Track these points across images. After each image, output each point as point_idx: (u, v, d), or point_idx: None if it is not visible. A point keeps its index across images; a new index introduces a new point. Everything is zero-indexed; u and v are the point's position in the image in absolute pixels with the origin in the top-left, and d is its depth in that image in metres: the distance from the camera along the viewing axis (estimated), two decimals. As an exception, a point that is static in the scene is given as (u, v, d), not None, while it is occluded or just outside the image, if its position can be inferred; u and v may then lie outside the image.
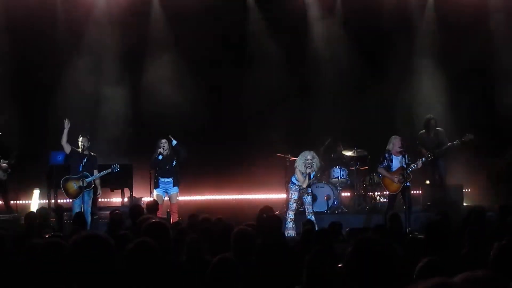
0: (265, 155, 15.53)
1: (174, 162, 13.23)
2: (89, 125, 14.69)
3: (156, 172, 13.31)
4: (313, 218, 12.28)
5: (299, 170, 12.50)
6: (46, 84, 16.02)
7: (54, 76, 16.01)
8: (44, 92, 16.01)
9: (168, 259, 5.21)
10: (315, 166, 12.47)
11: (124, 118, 16.09)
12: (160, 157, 13.12)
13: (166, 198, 13.40)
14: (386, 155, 12.94)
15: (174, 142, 13.24)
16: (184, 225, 8.90)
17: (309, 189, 12.70)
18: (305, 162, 12.43)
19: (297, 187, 12.60)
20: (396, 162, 12.87)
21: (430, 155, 13.39)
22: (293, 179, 12.68)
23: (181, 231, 7.14)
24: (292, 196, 12.60)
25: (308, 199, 12.67)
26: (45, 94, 16.01)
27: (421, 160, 13.04)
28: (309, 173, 12.43)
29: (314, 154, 12.56)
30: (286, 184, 14.49)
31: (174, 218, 12.66)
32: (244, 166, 16.01)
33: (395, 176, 12.78)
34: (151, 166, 13.50)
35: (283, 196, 15.24)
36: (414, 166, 12.88)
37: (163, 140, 13.22)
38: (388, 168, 12.91)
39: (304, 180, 12.48)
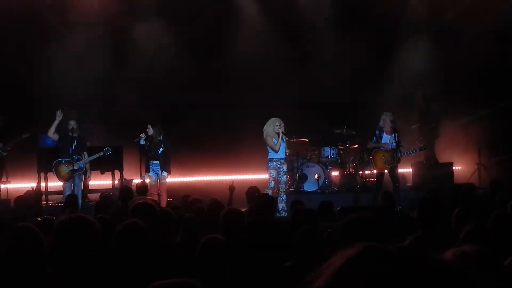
0: (252, 134, 15.44)
1: (161, 150, 13.12)
2: (78, 105, 14.55)
3: (146, 156, 13.30)
4: (284, 197, 12.38)
5: (269, 135, 12.41)
6: (31, 63, 15.86)
7: (40, 55, 15.83)
8: (30, 71, 15.85)
9: (159, 240, 5.21)
10: (283, 128, 12.40)
11: (112, 97, 15.99)
12: (142, 142, 13.07)
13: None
14: (377, 132, 12.96)
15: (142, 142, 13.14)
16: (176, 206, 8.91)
17: (285, 168, 12.65)
18: (274, 127, 12.38)
19: (274, 163, 12.51)
20: (386, 139, 12.90)
21: (424, 147, 13.65)
22: (269, 156, 12.59)
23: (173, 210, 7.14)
24: (271, 174, 12.49)
25: (283, 178, 12.63)
26: (31, 74, 15.85)
27: (415, 150, 13.25)
28: (282, 133, 12.34)
29: (281, 121, 12.50)
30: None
31: (163, 198, 12.68)
32: (231, 146, 15.93)
33: (385, 149, 12.82)
34: (139, 150, 13.55)
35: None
36: (407, 152, 13.04)
37: (148, 125, 13.16)
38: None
39: (276, 144, 12.36)
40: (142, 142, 13.08)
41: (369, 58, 16.33)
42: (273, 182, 12.41)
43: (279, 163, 12.49)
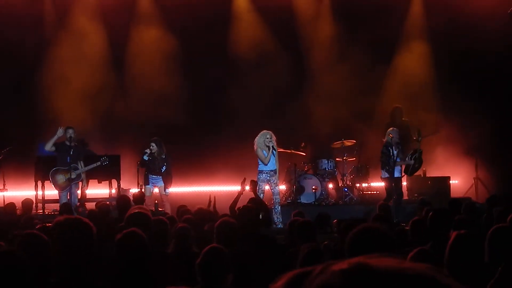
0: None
1: (164, 168, 13.17)
2: (76, 113, 14.57)
3: (147, 170, 13.29)
4: (279, 208, 12.56)
5: (260, 148, 12.49)
6: (29, 71, 15.86)
7: (39, 59, 15.85)
8: (28, 80, 15.86)
9: (153, 249, 5.22)
10: (274, 143, 12.51)
11: (111, 107, 15.98)
12: (146, 157, 13.08)
13: (156, 190, 13.39)
14: (389, 148, 12.94)
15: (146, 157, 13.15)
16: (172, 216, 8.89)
17: (276, 180, 12.72)
18: (265, 140, 12.47)
19: (264, 175, 12.59)
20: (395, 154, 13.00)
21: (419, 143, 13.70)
22: (259, 168, 12.68)
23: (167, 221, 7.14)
24: (260, 187, 12.41)
25: (276, 189, 12.73)
26: (29, 82, 15.85)
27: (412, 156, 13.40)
28: (272, 147, 12.43)
29: (272, 134, 12.59)
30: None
31: (167, 209, 12.67)
32: (230, 157, 15.90)
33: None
34: (140, 165, 13.51)
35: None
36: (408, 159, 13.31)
37: (152, 142, 13.15)
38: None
39: (266, 157, 12.47)
40: (145, 157, 13.09)
41: (367, 65, 16.32)
42: (262, 194, 12.38)
43: (269, 175, 12.61)
